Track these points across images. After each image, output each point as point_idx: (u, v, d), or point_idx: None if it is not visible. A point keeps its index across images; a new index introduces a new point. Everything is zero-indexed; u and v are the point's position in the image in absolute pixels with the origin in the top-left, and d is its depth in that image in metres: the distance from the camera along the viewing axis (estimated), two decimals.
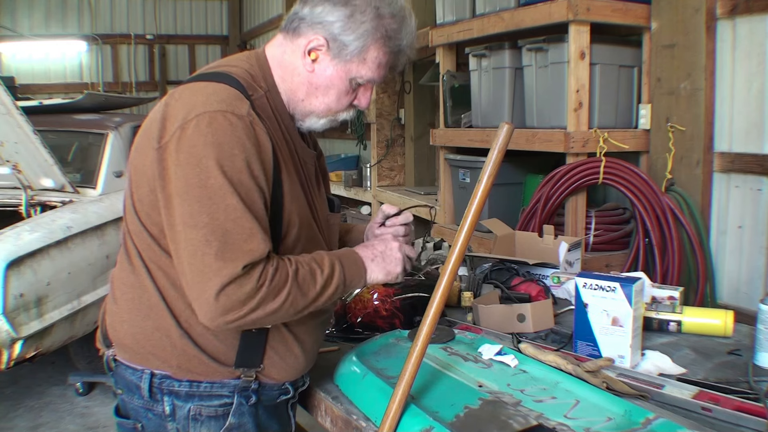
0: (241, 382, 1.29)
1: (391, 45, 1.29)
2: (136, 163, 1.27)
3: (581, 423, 1.18)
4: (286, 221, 1.27)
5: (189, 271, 1.15)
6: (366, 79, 1.31)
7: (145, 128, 1.27)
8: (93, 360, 3.66)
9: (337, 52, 1.27)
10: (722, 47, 2.63)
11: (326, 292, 1.25)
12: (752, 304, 1.98)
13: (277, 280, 1.17)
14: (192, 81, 1.27)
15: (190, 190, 1.14)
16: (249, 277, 1.14)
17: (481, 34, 3.23)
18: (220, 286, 1.12)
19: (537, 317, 1.77)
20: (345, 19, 1.25)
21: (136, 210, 1.27)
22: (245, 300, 1.14)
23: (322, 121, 1.36)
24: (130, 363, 1.31)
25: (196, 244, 1.13)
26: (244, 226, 1.14)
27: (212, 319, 1.15)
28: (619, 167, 2.73)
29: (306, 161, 1.38)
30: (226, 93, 1.20)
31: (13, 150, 3.21)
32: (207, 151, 1.14)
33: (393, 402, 1.21)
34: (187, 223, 1.14)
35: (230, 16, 10.33)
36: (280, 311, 1.19)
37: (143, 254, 1.27)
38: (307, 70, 1.30)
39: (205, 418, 1.29)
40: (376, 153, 5.31)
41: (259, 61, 1.33)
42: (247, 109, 1.19)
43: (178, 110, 1.19)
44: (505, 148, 1.20)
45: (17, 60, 9.04)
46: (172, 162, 1.16)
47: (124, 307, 1.31)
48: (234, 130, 1.16)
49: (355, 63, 1.28)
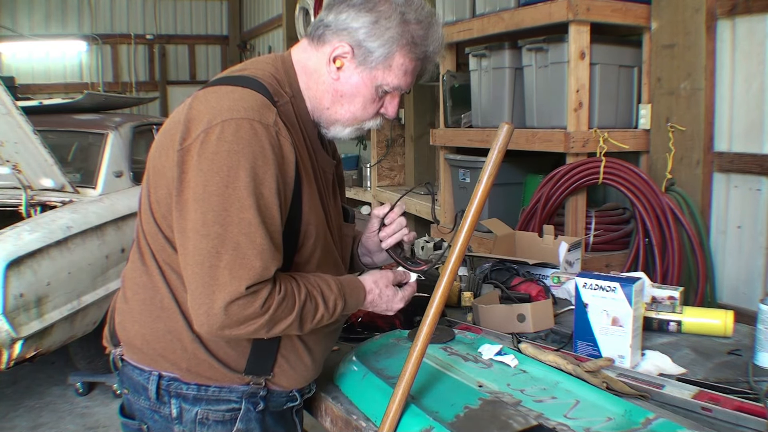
0: (250, 389, 1.28)
1: (417, 51, 1.26)
2: (155, 163, 1.25)
3: (581, 423, 1.18)
4: (303, 232, 1.25)
5: (193, 280, 1.13)
6: (392, 87, 1.28)
7: (167, 129, 1.25)
8: (93, 360, 3.65)
9: (362, 59, 1.25)
10: (722, 47, 2.63)
11: (320, 325, 1.26)
12: (752, 304, 1.98)
13: (281, 310, 1.16)
14: (218, 84, 1.25)
15: (207, 198, 1.12)
16: (254, 299, 1.12)
17: (481, 34, 3.23)
18: (222, 302, 1.11)
19: (537, 317, 1.77)
20: (370, 26, 1.23)
21: (153, 211, 1.25)
22: (245, 321, 1.13)
23: (347, 130, 1.33)
24: (139, 364, 1.30)
25: (204, 254, 1.11)
26: (256, 242, 1.12)
27: (208, 331, 1.14)
28: (619, 167, 2.73)
29: (325, 170, 1.36)
30: (254, 100, 1.17)
31: (13, 150, 3.21)
32: (230, 159, 1.11)
33: (393, 402, 1.21)
34: (198, 231, 1.12)
35: (230, 16, 10.33)
36: (275, 335, 1.21)
37: (157, 255, 1.26)
38: (332, 78, 1.28)
39: (212, 422, 1.28)
40: (376, 153, 5.31)
41: (285, 66, 1.30)
42: (273, 119, 1.17)
43: (203, 113, 1.16)
44: (505, 148, 1.20)
45: (17, 60, 9.05)
46: (193, 166, 1.14)
47: (136, 308, 1.30)
48: (259, 140, 1.13)
49: (381, 70, 1.26)
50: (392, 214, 1.46)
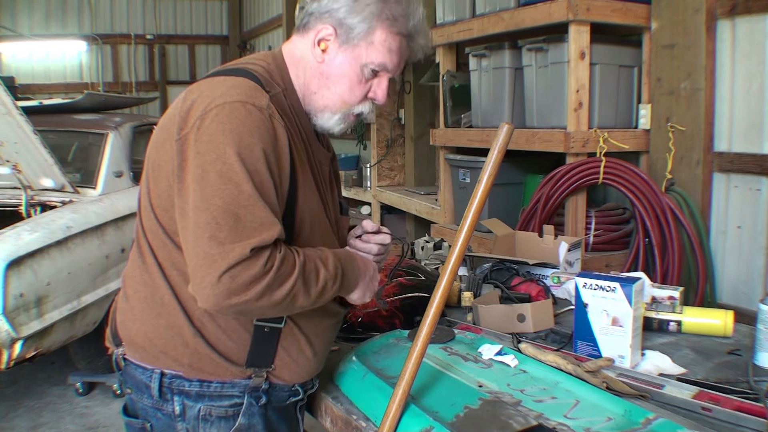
0: (252, 383, 1.28)
1: (398, 26, 1.28)
2: (153, 159, 1.27)
3: (581, 423, 1.18)
4: (299, 219, 1.26)
5: (195, 255, 1.12)
6: (377, 64, 1.29)
7: (163, 124, 1.27)
8: (93, 360, 3.66)
9: (344, 38, 1.27)
10: (722, 47, 2.63)
11: (325, 294, 1.24)
12: (752, 304, 1.98)
13: (284, 269, 1.15)
14: (210, 76, 1.27)
15: (205, 176, 1.13)
16: (256, 260, 1.11)
17: (481, 34, 3.23)
18: (226, 267, 1.09)
19: (537, 317, 1.77)
20: (350, 3, 1.27)
21: (153, 206, 1.26)
22: (250, 283, 1.11)
23: (336, 117, 1.33)
24: (141, 362, 1.30)
25: (204, 227, 1.11)
26: (256, 214, 1.13)
27: (215, 303, 1.11)
28: (619, 167, 2.73)
29: (321, 162, 1.38)
30: (246, 85, 1.20)
31: (13, 150, 3.21)
32: (225, 138, 1.13)
33: (393, 402, 1.21)
34: (198, 206, 1.13)
35: (230, 16, 10.34)
36: (283, 303, 1.17)
37: (157, 252, 1.27)
38: (317, 62, 1.30)
39: (215, 418, 1.28)
40: (376, 153, 5.31)
41: (276, 61, 1.33)
42: (266, 102, 1.19)
43: (198, 102, 1.18)
44: (505, 148, 1.20)
45: (17, 60, 9.06)
46: (192, 151, 1.15)
47: (137, 305, 1.30)
48: (253, 120, 1.16)
49: (364, 47, 1.28)
50: (371, 236, 1.46)
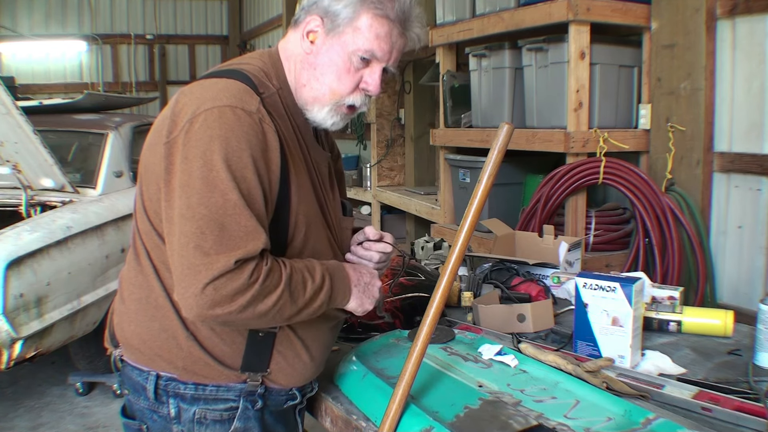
0: (247, 386, 1.28)
1: (383, 10, 1.26)
2: (146, 162, 1.27)
3: (581, 423, 1.18)
4: (293, 222, 1.25)
5: (179, 264, 1.12)
6: (364, 51, 1.26)
7: (156, 126, 1.27)
8: (93, 360, 3.66)
9: (331, 26, 1.27)
10: (722, 47, 2.63)
11: (313, 305, 1.23)
12: (752, 304, 1.98)
13: (270, 281, 1.14)
14: (203, 78, 1.27)
15: (191, 182, 1.13)
16: (241, 272, 1.11)
17: (481, 34, 3.23)
18: (210, 278, 1.09)
19: (537, 317, 1.77)
20: None
21: (146, 209, 1.26)
22: (234, 295, 1.11)
23: (326, 109, 1.31)
24: (137, 364, 1.30)
25: (189, 236, 1.11)
26: (241, 223, 1.12)
27: (199, 313, 1.10)
28: (619, 167, 2.73)
29: (319, 162, 1.37)
30: (236, 88, 1.20)
31: (13, 150, 3.21)
32: (213, 144, 1.13)
33: (393, 402, 1.21)
34: (184, 215, 1.12)
35: (230, 16, 10.34)
36: (268, 315, 1.16)
37: (151, 254, 1.26)
38: (305, 53, 1.30)
39: (210, 421, 1.27)
40: (376, 153, 5.31)
41: (272, 59, 1.33)
42: (257, 106, 1.19)
43: (188, 105, 1.18)
44: (505, 148, 1.20)
45: (17, 60, 9.06)
46: (179, 156, 1.15)
47: (132, 308, 1.30)
48: (242, 125, 1.15)
49: (350, 33, 1.26)
50: (372, 244, 1.44)
